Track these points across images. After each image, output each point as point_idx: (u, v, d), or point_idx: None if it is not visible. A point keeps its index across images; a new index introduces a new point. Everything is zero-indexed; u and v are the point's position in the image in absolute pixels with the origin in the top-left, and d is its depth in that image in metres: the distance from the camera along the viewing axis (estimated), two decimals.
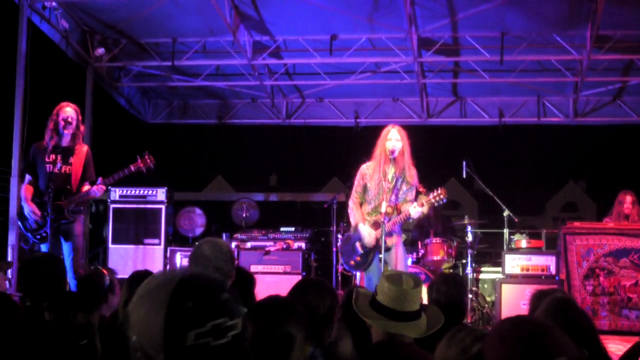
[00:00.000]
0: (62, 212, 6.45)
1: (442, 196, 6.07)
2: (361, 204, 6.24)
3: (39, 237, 6.41)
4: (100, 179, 6.51)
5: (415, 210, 5.93)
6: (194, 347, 1.45)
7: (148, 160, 6.64)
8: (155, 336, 1.45)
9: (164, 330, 1.44)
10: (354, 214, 6.21)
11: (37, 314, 2.56)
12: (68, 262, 6.41)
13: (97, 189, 6.48)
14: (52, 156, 6.49)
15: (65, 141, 6.53)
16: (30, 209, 6.46)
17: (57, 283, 3.62)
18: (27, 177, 6.63)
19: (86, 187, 6.52)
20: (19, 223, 6.65)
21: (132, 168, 6.59)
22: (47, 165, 6.46)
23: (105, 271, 4.24)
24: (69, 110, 6.55)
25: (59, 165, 6.47)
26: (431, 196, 6.08)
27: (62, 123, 6.47)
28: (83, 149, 6.66)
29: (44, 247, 6.49)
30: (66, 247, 6.52)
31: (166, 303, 1.46)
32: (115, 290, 4.13)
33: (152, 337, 1.46)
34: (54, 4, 8.43)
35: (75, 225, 6.55)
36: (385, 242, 5.80)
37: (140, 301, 1.52)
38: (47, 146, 6.52)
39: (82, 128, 6.69)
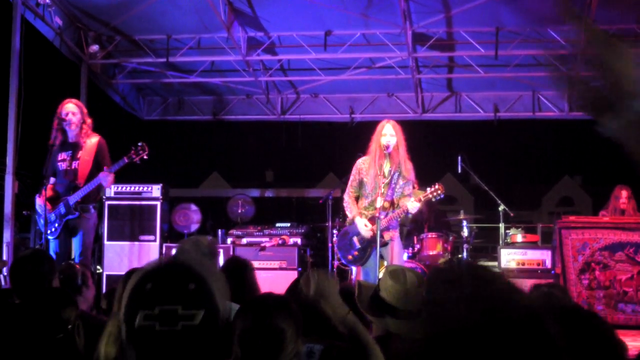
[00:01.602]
0: (68, 206, 6.45)
1: (439, 192, 6.07)
2: (357, 198, 6.23)
3: (49, 232, 6.44)
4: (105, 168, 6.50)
5: (413, 205, 5.93)
6: (141, 329, 1.43)
7: (141, 151, 6.57)
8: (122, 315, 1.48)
9: (123, 308, 1.47)
10: (350, 207, 6.19)
11: (22, 310, 2.56)
12: (76, 258, 6.42)
13: (102, 176, 6.41)
14: (63, 154, 6.56)
15: (72, 137, 6.58)
16: (40, 204, 6.49)
17: (44, 280, 3.59)
18: (52, 179, 6.68)
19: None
20: (38, 219, 6.73)
21: (126, 160, 6.54)
22: (59, 164, 6.56)
23: (77, 266, 4.27)
24: (69, 107, 6.56)
25: (67, 162, 6.51)
26: (429, 191, 6.08)
27: (63, 120, 6.50)
28: (92, 140, 6.63)
29: (53, 243, 6.51)
30: (75, 243, 6.53)
31: (134, 284, 1.48)
32: (89, 284, 4.14)
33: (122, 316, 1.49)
34: (47, 0, 8.39)
35: (84, 221, 6.52)
36: (382, 237, 5.80)
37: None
38: (54, 145, 6.56)
39: (88, 121, 6.65)
